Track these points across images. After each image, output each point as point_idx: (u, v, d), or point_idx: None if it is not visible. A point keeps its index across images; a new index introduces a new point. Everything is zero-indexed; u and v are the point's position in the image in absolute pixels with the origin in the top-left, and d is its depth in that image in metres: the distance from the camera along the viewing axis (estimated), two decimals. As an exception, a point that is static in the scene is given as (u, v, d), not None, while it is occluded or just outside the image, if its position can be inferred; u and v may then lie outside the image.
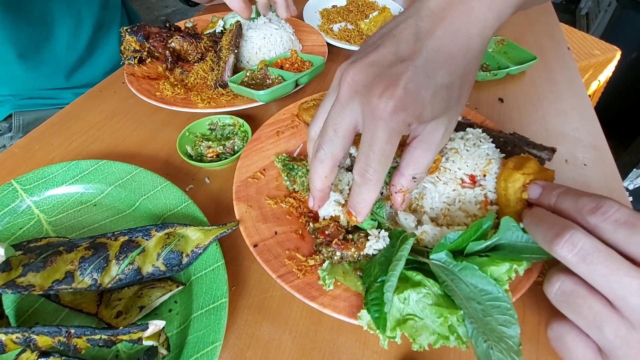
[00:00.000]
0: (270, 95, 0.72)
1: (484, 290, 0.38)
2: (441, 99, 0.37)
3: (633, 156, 1.98)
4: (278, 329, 0.48)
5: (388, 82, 0.35)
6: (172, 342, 0.45)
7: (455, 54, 0.36)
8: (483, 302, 0.38)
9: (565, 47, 1.01)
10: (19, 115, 1.00)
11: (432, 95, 0.36)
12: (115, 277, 0.46)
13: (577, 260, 0.30)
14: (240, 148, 0.68)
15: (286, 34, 0.90)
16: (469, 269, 0.40)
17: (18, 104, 1.00)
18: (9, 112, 0.99)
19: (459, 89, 0.38)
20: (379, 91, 0.35)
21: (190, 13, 3.14)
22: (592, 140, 0.74)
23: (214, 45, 0.89)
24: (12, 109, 0.99)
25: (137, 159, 0.68)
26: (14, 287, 0.42)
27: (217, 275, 0.49)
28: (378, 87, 0.35)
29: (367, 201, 0.43)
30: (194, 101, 0.76)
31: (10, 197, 0.57)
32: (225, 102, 0.76)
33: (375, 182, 0.40)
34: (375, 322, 0.40)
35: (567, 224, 0.32)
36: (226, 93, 0.78)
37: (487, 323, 0.36)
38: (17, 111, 1.00)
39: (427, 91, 0.36)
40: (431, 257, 0.43)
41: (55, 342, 0.40)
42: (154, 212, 0.58)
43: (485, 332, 0.36)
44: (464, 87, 0.39)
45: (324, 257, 0.49)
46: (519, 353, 0.34)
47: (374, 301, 0.41)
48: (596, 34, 2.52)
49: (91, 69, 1.07)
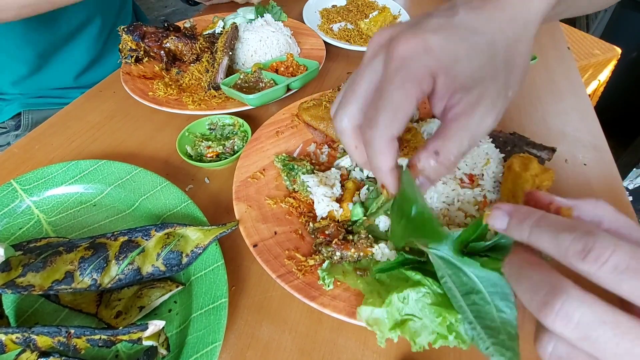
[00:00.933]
0: (259, 99, 0.72)
1: (484, 277, 0.38)
2: (481, 56, 0.31)
3: (633, 156, 1.98)
4: (278, 329, 0.48)
5: (415, 30, 0.31)
6: (172, 342, 0.45)
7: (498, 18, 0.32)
8: (483, 290, 0.37)
9: (565, 47, 1.01)
10: (28, 113, 1.00)
11: (468, 48, 0.31)
12: (115, 277, 0.46)
13: (577, 338, 0.23)
14: (240, 148, 0.68)
15: (283, 37, 0.90)
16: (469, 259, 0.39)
17: (27, 102, 1.01)
18: (18, 110, 1.00)
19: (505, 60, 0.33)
20: (404, 38, 0.31)
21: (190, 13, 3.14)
22: (592, 140, 0.74)
23: (210, 46, 0.89)
24: (21, 107, 1.00)
25: (137, 159, 0.68)
26: (13, 287, 0.42)
27: (216, 275, 0.49)
28: (404, 35, 0.31)
29: (381, 170, 0.35)
30: (185, 102, 0.76)
31: (10, 197, 0.57)
32: (216, 104, 0.76)
33: (378, 141, 0.33)
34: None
35: (556, 284, 0.24)
36: (218, 95, 0.78)
37: (487, 313, 0.36)
38: (26, 110, 1.00)
39: (462, 44, 0.31)
40: (431, 249, 0.42)
41: (55, 342, 0.40)
42: (154, 212, 0.58)
43: (485, 330, 0.36)
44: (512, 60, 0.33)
45: (323, 257, 0.49)
46: (515, 338, 0.34)
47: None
48: (596, 33, 2.52)
49: (100, 70, 1.09)
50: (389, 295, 0.42)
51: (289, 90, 0.77)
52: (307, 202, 0.57)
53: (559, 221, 0.26)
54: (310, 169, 0.59)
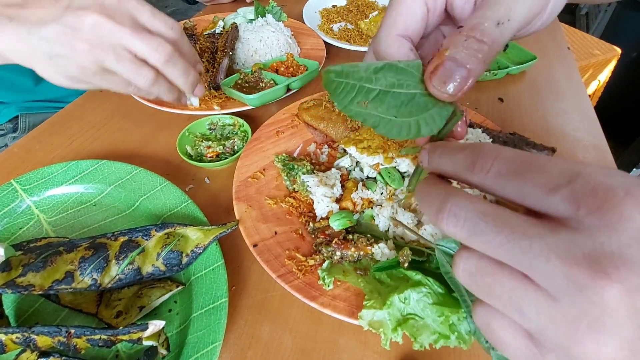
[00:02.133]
0: (260, 99, 0.72)
1: None
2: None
3: (633, 156, 1.98)
4: (278, 328, 0.48)
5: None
6: (172, 342, 0.45)
7: None
8: None
9: (565, 47, 1.01)
10: (26, 117, 1.00)
11: None
12: (115, 277, 0.46)
13: (466, 235, 0.24)
14: (240, 148, 0.68)
15: (283, 37, 0.90)
16: None
17: (25, 106, 1.01)
18: (15, 113, 1.00)
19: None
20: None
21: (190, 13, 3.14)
22: (592, 140, 0.74)
23: (211, 46, 0.89)
24: (18, 110, 1.00)
25: (137, 159, 0.68)
26: (14, 287, 0.42)
27: (217, 275, 0.49)
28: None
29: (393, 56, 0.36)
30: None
31: (10, 197, 0.57)
32: (216, 104, 0.76)
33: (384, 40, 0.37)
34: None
35: (447, 192, 0.26)
36: (219, 95, 0.78)
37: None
38: (23, 113, 1.00)
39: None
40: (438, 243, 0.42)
41: (55, 342, 0.40)
42: (154, 212, 0.58)
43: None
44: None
45: (324, 257, 0.49)
46: None
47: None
48: (596, 33, 2.52)
49: None
50: (390, 296, 0.42)
51: (289, 90, 0.77)
52: (307, 202, 0.57)
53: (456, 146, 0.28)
54: (310, 169, 0.59)
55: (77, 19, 0.48)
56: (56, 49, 0.48)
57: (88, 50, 0.48)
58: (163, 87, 0.55)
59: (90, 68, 0.49)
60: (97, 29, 0.48)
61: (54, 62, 0.49)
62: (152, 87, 0.53)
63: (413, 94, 0.32)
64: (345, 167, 0.62)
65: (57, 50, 0.48)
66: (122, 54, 0.49)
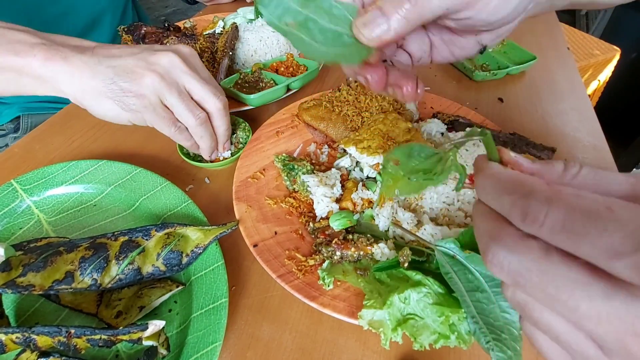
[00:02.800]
0: (260, 99, 0.72)
1: (489, 276, 0.38)
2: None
3: (633, 156, 1.98)
4: (278, 328, 0.48)
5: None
6: (172, 342, 0.45)
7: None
8: (487, 290, 0.37)
9: (565, 47, 1.01)
10: (27, 117, 1.00)
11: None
12: (115, 277, 0.46)
13: (512, 283, 0.24)
14: (241, 148, 0.68)
15: (283, 37, 0.90)
16: (475, 257, 0.39)
17: (26, 106, 1.01)
18: (17, 114, 1.00)
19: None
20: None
21: (190, 13, 3.14)
22: (592, 140, 0.74)
23: (210, 46, 0.89)
24: (20, 111, 1.00)
25: (137, 159, 0.68)
26: (14, 287, 0.42)
27: (217, 275, 0.49)
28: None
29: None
30: None
31: (10, 197, 0.57)
32: None
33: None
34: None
35: (492, 233, 0.26)
36: None
37: (490, 312, 0.36)
38: (25, 113, 1.00)
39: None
40: (437, 244, 0.42)
41: (55, 342, 0.40)
42: (154, 212, 0.58)
43: (487, 326, 0.36)
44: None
45: (324, 257, 0.49)
46: (518, 339, 0.34)
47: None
48: (596, 34, 2.52)
49: None
50: (390, 296, 0.42)
51: (289, 90, 0.77)
52: (307, 202, 0.57)
53: (500, 181, 0.27)
54: (310, 169, 0.59)
55: (156, 56, 0.53)
56: (122, 75, 0.52)
57: (157, 80, 0.52)
58: (207, 132, 0.59)
59: (149, 98, 0.52)
60: (171, 65, 0.54)
61: (112, 87, 0.52)
62: (198, 128, 0.57)
63: (340, 33, 0.33)
64: (345, 167, 0.62)
65: (123, 76, 0.52)
66: (184, 92, 0.55)
